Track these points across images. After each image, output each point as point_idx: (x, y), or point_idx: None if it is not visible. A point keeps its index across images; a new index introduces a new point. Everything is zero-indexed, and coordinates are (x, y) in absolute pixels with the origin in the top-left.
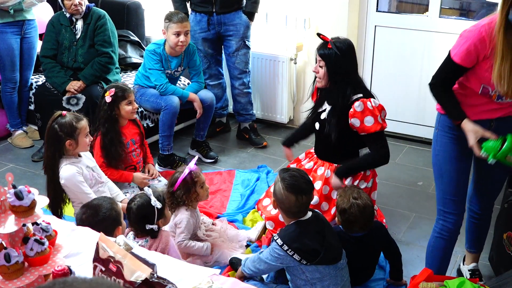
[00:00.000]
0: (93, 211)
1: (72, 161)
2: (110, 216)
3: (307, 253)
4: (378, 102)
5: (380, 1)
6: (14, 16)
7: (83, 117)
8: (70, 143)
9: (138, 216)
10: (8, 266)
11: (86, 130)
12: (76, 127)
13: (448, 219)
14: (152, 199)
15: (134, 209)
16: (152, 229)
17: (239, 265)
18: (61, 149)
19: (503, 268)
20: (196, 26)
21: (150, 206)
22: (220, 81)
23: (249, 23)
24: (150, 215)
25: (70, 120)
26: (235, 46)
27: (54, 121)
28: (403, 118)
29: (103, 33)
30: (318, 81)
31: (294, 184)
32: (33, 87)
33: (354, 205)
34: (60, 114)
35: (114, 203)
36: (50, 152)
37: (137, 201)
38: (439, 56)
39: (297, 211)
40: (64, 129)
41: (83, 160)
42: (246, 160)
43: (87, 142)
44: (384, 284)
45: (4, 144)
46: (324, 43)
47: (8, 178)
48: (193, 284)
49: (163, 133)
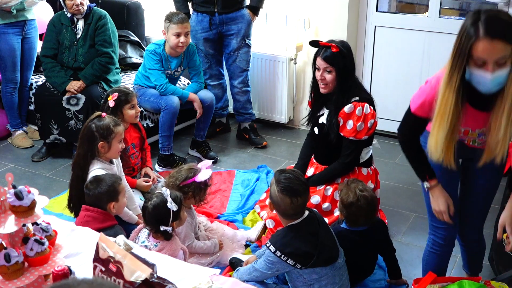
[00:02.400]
0: (96, 182)
1: (106, 167)
2: (107, 191)
3: (300, 257)
4: (370, 109)
5: (380, 1)
6: (16, 16)
7: (120, 123)
8: (102, 145)
9: (153, 216)
10: (8, 266)
11: (121, 136)
12: (112, 130)
13: (438, 234)
14: (168, 200)
15: (150, 208)
16: (166, 231)
17: (239, 265)
18: (93, 150)
19: (503, 267)
20: (198, 26)
21: (165, 207)
22: (220, 81)
23: (250, 20)
24: (165, 217)
25: (108, 122)
26: (236, 45)
27: (92, 121)
28: None
29: (103, 33)
30: (324, 88)
31: (288, 186)
32: (33, 87)
33: (362, 197)
34: (99, 115)
35: (116, 181)
36: (82, 150)
37: (153, 201)
38: (439, 56)
39: (293, 213)
40: (101, 130)
41: (115, 168)
42: (246, 160)
43: (119, 148)
44: (385, 284)
45: (4, 144)
46: (325, 48)
47: (8, 178)
48: (193, 284)
49: (163, 133)
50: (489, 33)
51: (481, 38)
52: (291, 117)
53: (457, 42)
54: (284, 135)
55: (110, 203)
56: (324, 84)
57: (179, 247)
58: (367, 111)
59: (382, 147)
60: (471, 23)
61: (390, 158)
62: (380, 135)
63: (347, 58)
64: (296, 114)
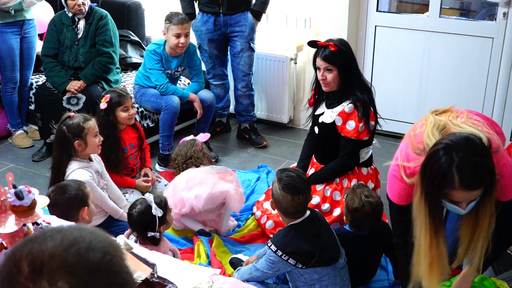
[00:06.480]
0: (61, 190)
1: (84, 165)
2: (76, 195)
3: (301, 257)
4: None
5: (380, 1)
6: (14, 16)
7: (91, 118)
8: (78, 144)
9: (140, 224)
10: None
11: (94, 130)
12: (83, 127)
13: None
14: (153, 206)
15: (135, 216)
16: (153, 237)
17: (239, 265)
18: (70, 150)
19: (503, 267)
20: (203, 27)
21: (151, 214)
22: (224, 81)
23: (254, 24)
24: (152, 223)
25: (77, 121)
26: (240, 47)
27: (62, 123)
28: (403, 118)
29: (104, 33)
30: (326, 86)
31: (290, 184)
32: (33, 87)
33: (367, 203)
34: (68, 116)
35: (82, 184)
36: (57, 153)
37: (138, 208)
38: (439, 56)
39: (294, 212)
40: (72, 129)
41: (95, 165)
42: (246, 160)
43: (97, 143)
44: (389, 283)
45: (4, 144)
46: (324, 48)
47: (8, 178)
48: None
49: (163, 133)
50: (466, 185)
51: (457, 188)
52: (292, 117)
53: (428, 180)
54: (284, 135)
55: (83, 209)
56: (325, 83)
57: (168, 249)
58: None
59: (382, 147)
60: (445, 166)
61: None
62: (380, 135)
63: (347, 55)
64: (297, 114)
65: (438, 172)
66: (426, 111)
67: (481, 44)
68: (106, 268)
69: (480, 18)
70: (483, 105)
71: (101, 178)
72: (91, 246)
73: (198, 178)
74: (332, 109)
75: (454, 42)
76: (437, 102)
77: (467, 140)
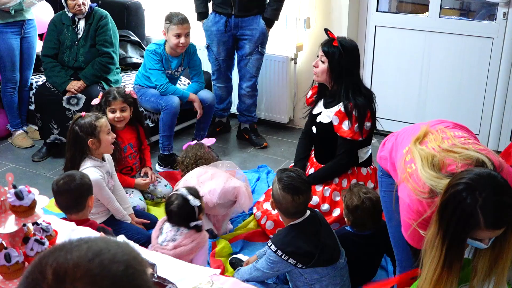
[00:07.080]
0: (71, 177)
1: (97, 165)
2: (85, 183)
3: (301, 256)
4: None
5: (380, 1)
6: (14, 16)
7: (102, 116)
8: (92, 142)
9: (181, 216)
10: (8, 266)
11: (106, 128)
12: (95, 125)
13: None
14: (190, 198)
15: (176, 211)
16: (196, 225)
17: (239, 265)
18: (84, 150)
19: None
20: (213, 27)
21: (189, 205)
22: (227, 84)
23: (265, 30)
24: (192, 213)
25: (89, 120)
26: (248, 50)
27: (74, 123)
28: (403, 118)
29: (104, 33)
30: (316, 75)
31: (290, 184)
32: (33, 87)
33: (366, 199)
34: (79, 116)
35: (84, 175)
36: (70, 154)
37: (176, 203)
38: (439, 56)
39: (295, 212)
40: (85, 128)
41: (107, 165)
42: (246, 160)
43: (110, 140)
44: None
45: (4, 144)
46: (329, 40)
47: (8, 178)
48: (193, 284)
49: (163, 133)
50: (492, 226)
51: (483, 228)
52: (292, 117)
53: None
54: (284, 135)
55: (90, 197)
56: (315, 72)
57: (207, 236)
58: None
59: None
60: (470, 208)
61: None
62: (380, 134)
63: (344, 57)
64: (297, 114)
65: (463, 214)
66: (426, 111)
67: (481, 44)
68: (128, 281)
69: (480, 18)
70: (483, 105)
71: (111, 179)
72: (115, 258)
73: (209, 174)
74: (329, 108)
75: (454, 42)
76: (437, 102)
77: (489, 179)
